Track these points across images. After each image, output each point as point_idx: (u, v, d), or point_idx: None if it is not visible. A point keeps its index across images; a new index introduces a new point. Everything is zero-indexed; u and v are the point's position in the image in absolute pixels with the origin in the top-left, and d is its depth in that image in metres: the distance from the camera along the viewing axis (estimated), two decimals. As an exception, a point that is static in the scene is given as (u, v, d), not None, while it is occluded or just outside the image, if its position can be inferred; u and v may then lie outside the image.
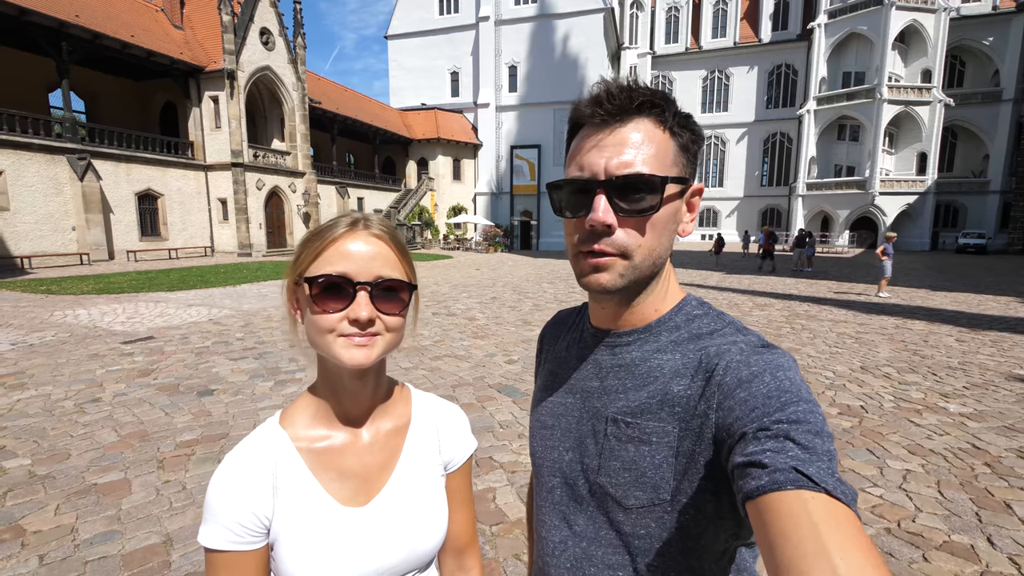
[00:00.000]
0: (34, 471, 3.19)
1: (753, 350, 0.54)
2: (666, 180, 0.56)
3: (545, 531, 0.67)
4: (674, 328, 0.61)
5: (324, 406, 0.69)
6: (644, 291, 0.61)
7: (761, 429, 0.45)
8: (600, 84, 0.59)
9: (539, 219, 34.90)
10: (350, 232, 0.64)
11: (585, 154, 0.58)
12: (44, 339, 6.84)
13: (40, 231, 17.07)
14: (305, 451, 0.67)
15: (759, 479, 0.42)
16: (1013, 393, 4.83)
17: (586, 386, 0.65)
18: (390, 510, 0.69)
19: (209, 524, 0.61)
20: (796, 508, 0.39)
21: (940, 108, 32.87)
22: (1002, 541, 2.53)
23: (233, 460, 0.64)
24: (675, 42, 43.33)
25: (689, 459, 0.54)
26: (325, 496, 0.66)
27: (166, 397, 4.58)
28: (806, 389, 0.49)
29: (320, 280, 0.61)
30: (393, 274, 0.65)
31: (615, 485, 0.58)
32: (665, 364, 0.59)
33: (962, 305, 10.48)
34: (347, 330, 0.62)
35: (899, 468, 3.30)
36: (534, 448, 0.72)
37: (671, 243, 0.60)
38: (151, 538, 2.52)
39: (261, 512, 0.62)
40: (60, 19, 16.74)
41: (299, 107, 25.84)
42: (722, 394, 0.51)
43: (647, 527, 0.57)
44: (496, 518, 2.73)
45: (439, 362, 5.84)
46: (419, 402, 0.78)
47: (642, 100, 0.56)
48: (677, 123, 0.58)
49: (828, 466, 0.41)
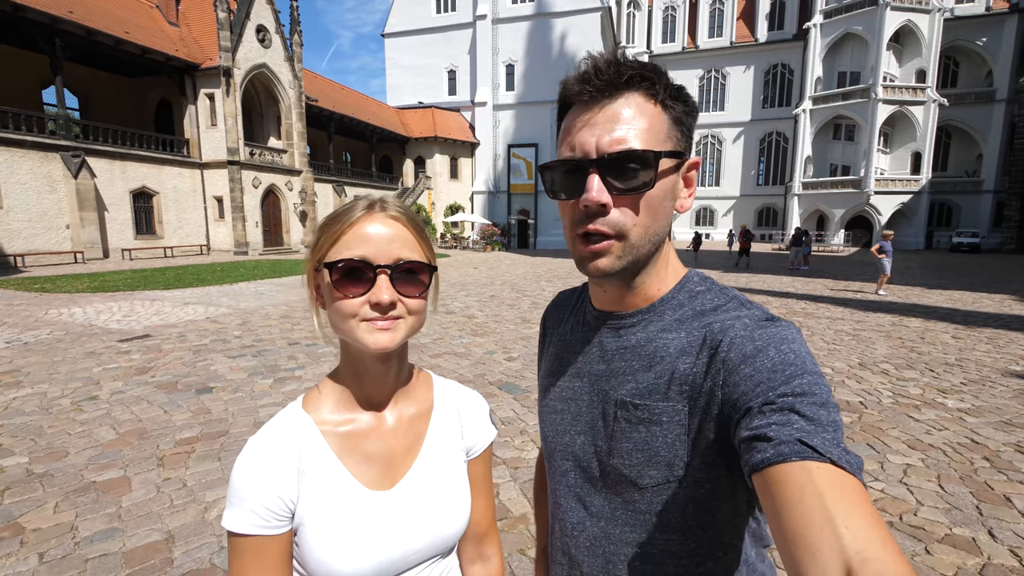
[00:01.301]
0: (32, 469, 3.16)
1: (757, 324, 0.53)
2: (660, 155, 0.54)
3: (562, 513, 0.67)
4: (677, 306, 0.60)
5: (347, 391, 0.69)
6: (644, 270, 0.60)
7: (766, 403, 0.45)
8: (587, 60, 0.57)
9: (536, 218, 34.89)
10: (367, 215, 0.63)
11: (576, 133, 0.57)
12: (39, 337, 6.78)
13: (34, 229, 16.92)
14: (330, 435, 0.66)
15: (764, 452, 0.42)
16: (1009, 389, 4.86)
17: (593, 369, 0.65)
18: (415, 494, 0.68)
19: (234, 508, 0.60)
20: (801, 478, 0.39)
21: (934, 108, 33.07)
22: (1003, 534, 2.54)
23: (258, 443, 0.63)
24: (672, 41, 43.38)
25: (700, 436, 0.54)
26: (351, 479, 0.65)
27: (164, 395, 4.55)
28: (811, 361, 0.48)
29: (340, 265, 0.61)
30: (413, 256, 0.64)
31: (629, 466, 0.58)
32: (671, 343, 0.58)
33: (957, 303, 10.55)
34: (369, 314, 0.61)
35: (899, 463, 3.31)
36: (545, 432, 0.72)
37: (669, 220, 0.59)
38: (152, 535, 2.50)
39: (287, 495, 0.61)
40: (53, 15, 16.58)
41: (296, 105, 25.73)
42: (727, 370, 0.51)
43: (663, 504, 0.57)
44: (500, 513, 2.72)
45: (439, 360, 5.83)
46: (441, 388, 0.78)
47: (631, 74, 0.55)
48: (669, 95, 0.57)
49: (833, 436, 0.41)
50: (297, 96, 25.74)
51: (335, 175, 29.97)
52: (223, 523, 0.61)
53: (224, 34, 21.48)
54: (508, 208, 35.25)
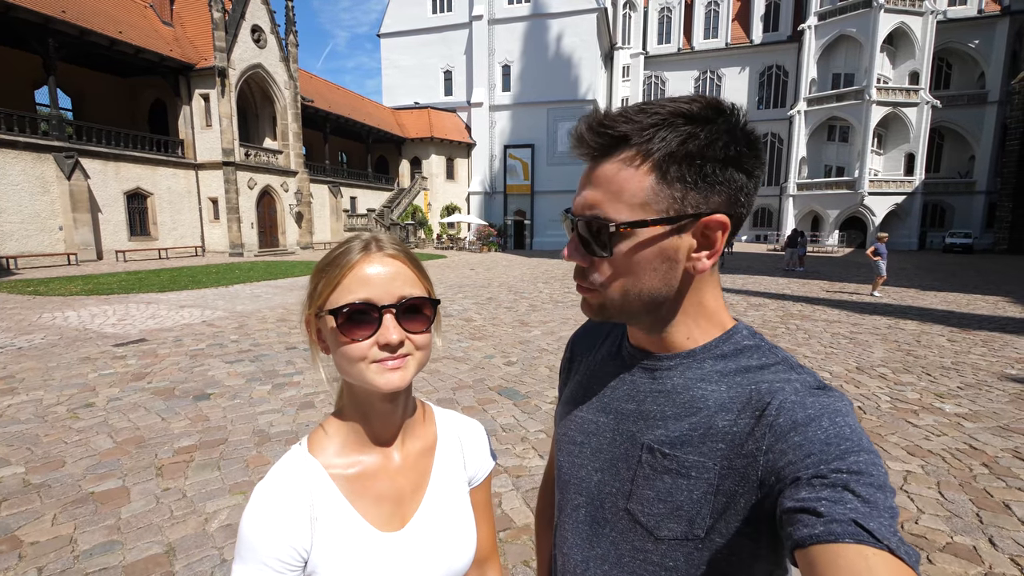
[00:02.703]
0: (28, 479, 3.12)
1: (809, 391, 0.51)
2: (619, 226, 0.52)
3: (567, 548, 0.66)
4: (720, 357, 0.58)
5: (353, 431, 0.68)
6: (657, 322, 0.58)
7: (817, 476, 0.43)
8: (583, 120, 0.56)
9: (533, 219, 34.91)
10: (365, 256, 0.63)
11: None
12: (33, 342, 6.71)
13: (26, 231, 16.76)
14: (339, 478, 0.66)
15: (813, 527, 0.40)
16: (1006, 393, 4.89)
17: (621, 407, 0.63)
18: (425, 531, 0.69)
19: (246, 563, 0.59)
20: (857, 563, 0.37)
21: (927, 110, 33.33)
22: (1003, 542, 2.56)
23: (267, 492, 0.62)
24: (668, 42, 43.49)
25: (730, 498, 0.52)
26: (363, 523, 0.65)
27: (162, 401, 4.51)
28: (866, 438, 0.47)
29: (344, 310, 0.60)
30: (415, 292, 0.64)
31: (647, 515, 0.57)
32: (709, 395, 0.56)
33: (952, 305, 10.63)
34: (378, 356, 0.61)
35: (899, 469, 3.33)
36: (560, 463, 0.70)
37: (666, 280, 0.55)
38: (152, 548, 2.47)
39: (300, 545, 0.61)
40: (46, 14, 16.43)
41: (291, 105, 25.62)
42: (773, 436, 0.49)
43: (675, 560, 0.55)
44: (503, 524, 2.72)
45: (438, 364, 5.81)
46: (443, 420, 0.79)
47: (615, 136, 0.53)
48: (677, 151, 0.51)
49: (890, 523, 0.40)
50: (293, 96, 25.63)
51: (331, 176, 29.86)
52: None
53: (219, 34, 21.36)
54: (504, 209, 35.25)
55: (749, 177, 0.54)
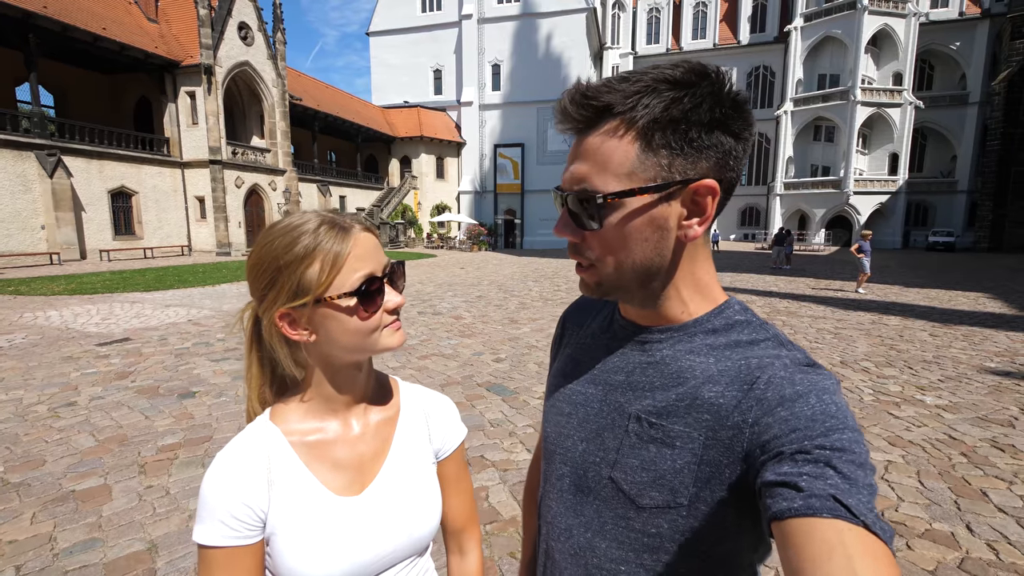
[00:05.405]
0: (7, 478, 3.06)
1: (798, 368, 0.52)
2: (606, 197, 0.52)
3: (551, 516, 0.67)
4: (711, 331, 0.58)
5: (316, 401, 0.70)
6: (651, 296, 0.58)
7: (800, 451, 0.44)
8: (565, 93, 0.55)
9: (523, 218, 34.93)
10: (347, 234, 0.64)
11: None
12: (14, 341, 6.58)
13: (7, 230, 16.43)
14: (298, 444, 0.68)
15: (792, 500, 0.41)
16: (985, 385, 5.00)
17: (610, 378, 0.63)
18: (384, 498, 0.71)
19: (204, 521, 0.61)
20: (831, 537, 0.38)
21: (910, 110, 33.92)
22: (980, 528, 2.61)
23: (226, 456, 0.65)
24: (656, 43, 43.79)
25: (713, 468, 0.52)
26: (320, 487, 0.67)
27: (145, 400, 4.45)
28: (852, 417, 0.47)
29: (362, 288, 0.64)
30: (389, 257, 0.70)
31: (630, 483, 0.57)
32: (697, 367, 0.56)
33: (934, 301, 10.83)
34: (387, 320, 0.67)
35: (881, 459, 3.38)
36: (547, 433, 0.71)
37: (660, 251, 0.55)
38: (134, 545, 2.44)
39: (257, 505, 0.63)
40: (27, 9, 16.12)
41: (279, 104, 25.39)
42: (761, 409, 0.49)
43: (658, 527, 0.56)
44: (490, 516, 2.72)
45: (426, 361, 5.80)
46: (407, 392, 0.81)
47: (598, 106, 0.52)
48: (660, 117, 0.50)
49: (868, 500, 0.40)
50: (280, 95, 25.39)
51: (320, 175, 29.64)
52: (194, 538, 0.62)
53: (205, 31, 21.10)
54: (495, 208, 35.22)
55: (737, 140, 0.52)
